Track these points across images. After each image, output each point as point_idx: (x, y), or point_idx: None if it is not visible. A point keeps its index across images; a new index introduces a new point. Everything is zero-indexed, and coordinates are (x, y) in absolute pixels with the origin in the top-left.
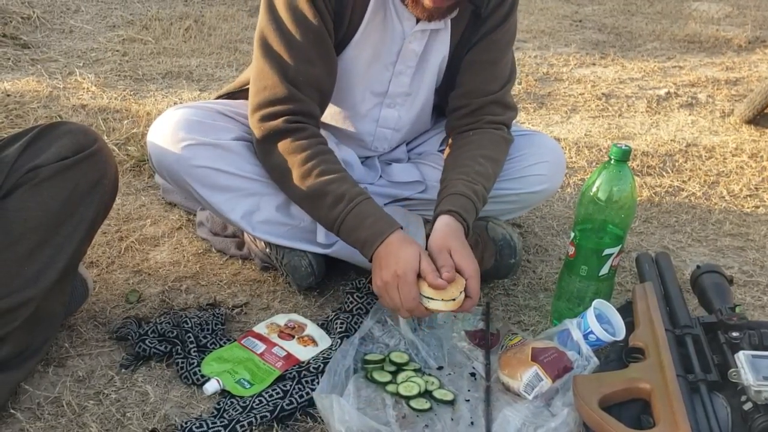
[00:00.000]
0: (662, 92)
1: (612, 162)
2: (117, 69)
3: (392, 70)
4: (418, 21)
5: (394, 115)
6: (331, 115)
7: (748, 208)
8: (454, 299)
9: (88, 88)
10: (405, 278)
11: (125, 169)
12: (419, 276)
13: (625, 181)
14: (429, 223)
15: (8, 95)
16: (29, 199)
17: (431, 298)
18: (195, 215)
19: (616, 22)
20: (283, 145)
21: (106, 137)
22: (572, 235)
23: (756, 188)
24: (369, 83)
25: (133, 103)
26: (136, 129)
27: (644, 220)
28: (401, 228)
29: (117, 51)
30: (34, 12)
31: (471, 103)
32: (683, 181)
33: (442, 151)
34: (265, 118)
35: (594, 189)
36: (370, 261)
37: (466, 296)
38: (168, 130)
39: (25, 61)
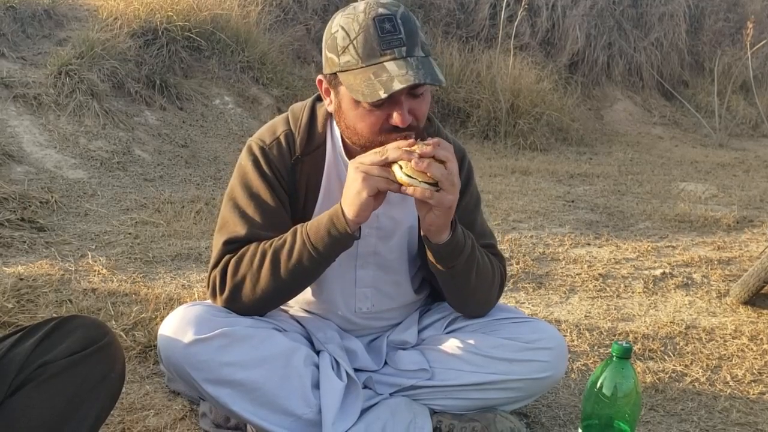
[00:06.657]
0: (658, 272)
1: (614, 359)
2: (128, 252)
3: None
4: None
5: (369, 275)
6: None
7: (753, 394)
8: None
9: (99, 271)
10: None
11: (131, 356)
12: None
13: (628, 378)
14: (435, 414)
15: (21, 279)
16: (35, 397)
17: (407, 175)
18: (198, 405)
19: (608, 202)
20: (232, 265)
21: (114, 322)
22: None
23: (759, 373)
24: None
25: (143, 286)
26: (145, 314)
27: (650, 408)
28: None
29: (129, 234)
30: (52, 196)
31: None
32: (686, 366)
33: (448, 333)
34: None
35: (598, 385)
36: (350, 228)
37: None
38: (178, 326)
39: (39, 244)
